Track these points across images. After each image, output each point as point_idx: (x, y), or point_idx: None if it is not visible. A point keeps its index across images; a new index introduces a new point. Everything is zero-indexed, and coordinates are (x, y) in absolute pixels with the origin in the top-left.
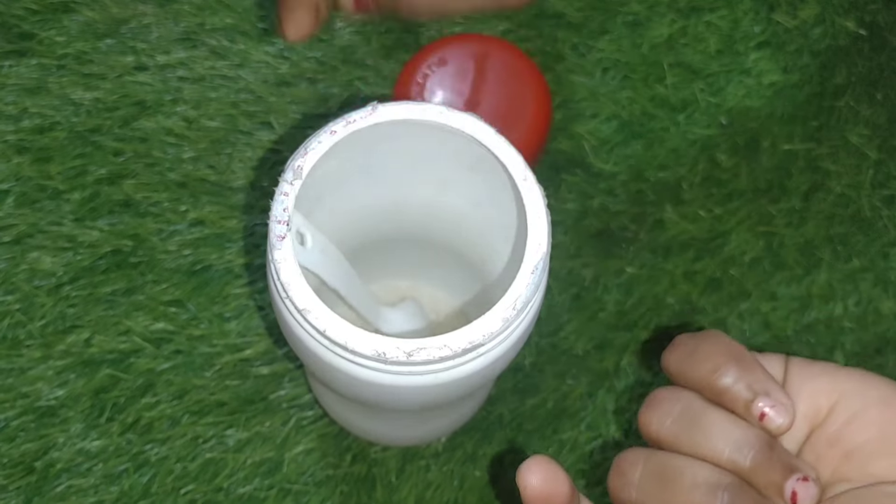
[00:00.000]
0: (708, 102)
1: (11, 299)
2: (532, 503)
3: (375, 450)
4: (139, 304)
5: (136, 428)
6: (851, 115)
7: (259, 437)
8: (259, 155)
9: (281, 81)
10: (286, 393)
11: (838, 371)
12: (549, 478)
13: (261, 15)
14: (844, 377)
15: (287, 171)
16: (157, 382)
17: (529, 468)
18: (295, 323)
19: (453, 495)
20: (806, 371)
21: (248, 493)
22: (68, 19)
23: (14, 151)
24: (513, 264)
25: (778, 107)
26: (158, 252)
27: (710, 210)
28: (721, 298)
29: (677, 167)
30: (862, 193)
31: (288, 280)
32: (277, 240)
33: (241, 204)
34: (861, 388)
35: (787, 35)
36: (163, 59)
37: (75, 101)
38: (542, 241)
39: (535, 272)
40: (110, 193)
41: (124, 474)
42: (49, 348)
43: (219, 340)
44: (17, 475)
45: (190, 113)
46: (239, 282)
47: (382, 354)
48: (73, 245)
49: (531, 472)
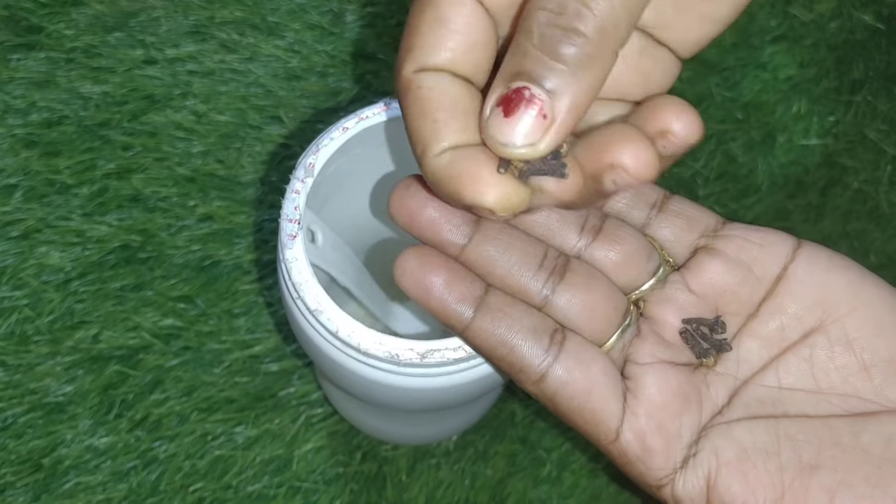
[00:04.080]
0: (723, 97)
1: (19, 294)
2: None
3: (386, 448)
4: (148, 300)
5: (144, 425)
6: (869, 111)
7: (268, 434)
8: (269, 149)
9: (291, 75)
10: (295, 390)
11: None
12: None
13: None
14: (863, 281)
15: (298, 169)
16: (166, 379)
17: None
18: (306, 323)
19: (464, 494)
20: (824, 259)
21: (257, 490)
22: (77, 12)
23: (22, 145)
24: None
25: (794, 101)
26: (167, 247)
27: (726, 205)
28: None
29: (692, 162)
30: (879, 189)
31: (299, 280)
32: (289, 239)
33: (250, 199)
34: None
35: (803, 29)
36: (172, 52)
37: (84, 94)
38: None
39: None
40: (119, 188)
41: (132, 471)
42: (57, 344)
43: (228, 337)
44: (25, 472)
45: (199, 107)
46: (248, 278)
47: (395, 356)
48: (82, 240)
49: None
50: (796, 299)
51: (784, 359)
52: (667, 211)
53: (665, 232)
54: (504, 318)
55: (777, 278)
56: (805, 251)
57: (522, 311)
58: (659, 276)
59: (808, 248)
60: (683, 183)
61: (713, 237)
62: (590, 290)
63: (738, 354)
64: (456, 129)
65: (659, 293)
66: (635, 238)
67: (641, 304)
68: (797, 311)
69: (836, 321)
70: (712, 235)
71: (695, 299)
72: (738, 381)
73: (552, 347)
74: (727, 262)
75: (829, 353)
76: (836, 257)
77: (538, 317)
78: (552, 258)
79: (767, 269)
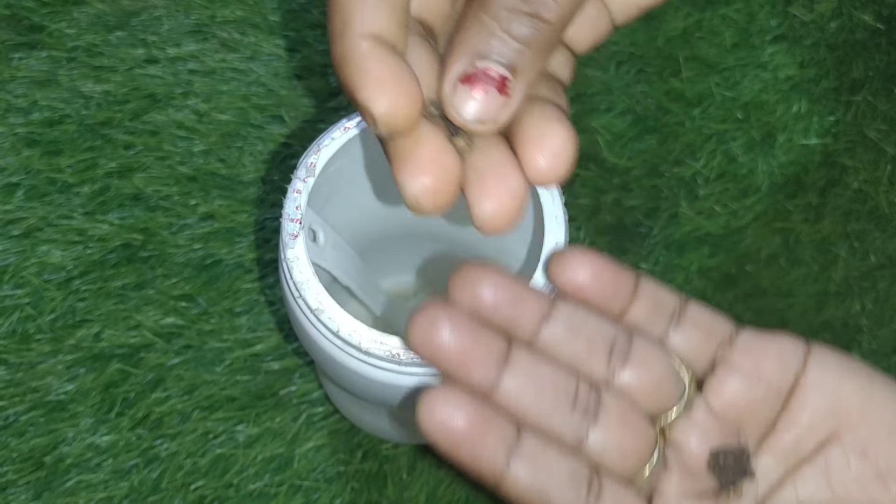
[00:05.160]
0: (724, 96)
1: (21, 293)
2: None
3: (387, 446)
4: (149, 299)
5: (146, 423)
6: (869, 111)
7: (269, 432)
8: (270, 148)
9: (292, 74)
10: (297, 388)
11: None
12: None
13: (272, 7)
14: (872, 385)
15: (300, 169)
16: (168, 377)
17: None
18: (308, 322)
19: (464, 493)
20: (833, 365)
21: (258, 489)
22: (78, 11)
23: (24, 144)
24: (529, 263)
25: (794, 101)
26: (169, 246)
27: (726, 205)
28: (736, 295)
29: (692, 162)
30: (879, 189)
31: (301, 279)
32: (290, 238)
33: (251, 198)
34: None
35: (803, 29)
36: (173, 51)
37: (85, 93)
38: (560, 239)
39: None
40: (120, 187)
41: (134, 470)
42: (59, 342)
43: (229, 335)
44: (27, 470)
45: (201, 106)
46: (249, 276)
47: (396, 356)
48: (83, 239)
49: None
50: (809, 410)
51: (801, 471)
52: (685, 322)
53: (685, 347)
54: (541, 467)
55: (790, 390)
56: (815, 358)
57: (558, 458)
58: (685, 400)
59: (818, 353)
60: (683, 183)
61: (729, 347)
62: (623, 430)
63: (756, 471)
64: (384, 14)
65: (684, 419)
66: (663, 364)
67: (667, 429)
68: (811, 422)
69: (850, 429)
70: (728, 346)
71: (718, 423)
72: (758, 499)
73: (590, 498)
74: (745, 378)
75: (845, 463)
76: (845, 361)
77: (574, 463)
78: (584, 394)
79: (782, 382)
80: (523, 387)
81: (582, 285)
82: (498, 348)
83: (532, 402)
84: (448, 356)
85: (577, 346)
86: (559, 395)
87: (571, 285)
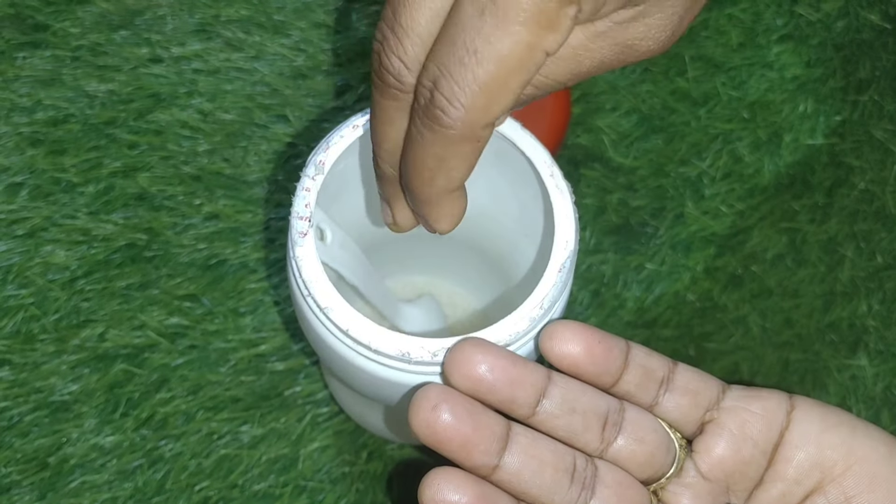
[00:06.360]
0: (730, 96)
1: (25, 293)
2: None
3: (392, 447)
4: (154, 299)
5: (150, 423)
6: (876, 110)
7: (274, 433)
8: (275, 148)
9: (297, 74)
10: (301, 389)
11: (848, 425)
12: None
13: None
14: (855, 437)
15: (308, 167)
16: (172, 378)
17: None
18: (316, 321)
19: None
20: (816, 418)
21: (262, 489)
22: (82, 10)
23: (28, 144)
24: (538, 262)
25: (800, 101)
26: (173, 246)
27: (732, 206)
28: (742, 296)
29: (698, 162)
30: (886, 189)
31: (310, 277)
32: (299, 236)
33: (256, 198)
34: (875, 452)
35: (809, 28)
36: (178, 50)
37: (90, 93)
38: (570, 239)
39: (562, 271)
40: (125, 186)
41: (138, 470)
42: (63, 343)
43: (234, 336)
44: (31, 470)
45: (205, 105)
46: (254, 276)
47: (407, 354)
48: (88, 238)
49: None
50: (794, 465)
51: None
52: (674, 387)
53: (675, 413)
54: None
55: (776, 446)
56: (798, 413)
57: None
58: (676, 466)
59: (801, 408)
60: (689, 183)
61: (717, 409)
62: (620, 501)
63: None
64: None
65: (675, 482)
66: (656, 434)
67: (659, 491)
68: (796, 476)
69: (833, 481)
70: (716, 408)
71: (708, 484)
72: None
73: None
74: (732, 439)
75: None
76: (828, 414)
77: None
78: (581, 468)
79: (768, 439)
80: (523, 465)
81: (575, 359)
82: (498, 430)
83: (532, 478)
84: (450, 442)
85: (573, 421)
86: (558, 470)
87: (564, 359)
